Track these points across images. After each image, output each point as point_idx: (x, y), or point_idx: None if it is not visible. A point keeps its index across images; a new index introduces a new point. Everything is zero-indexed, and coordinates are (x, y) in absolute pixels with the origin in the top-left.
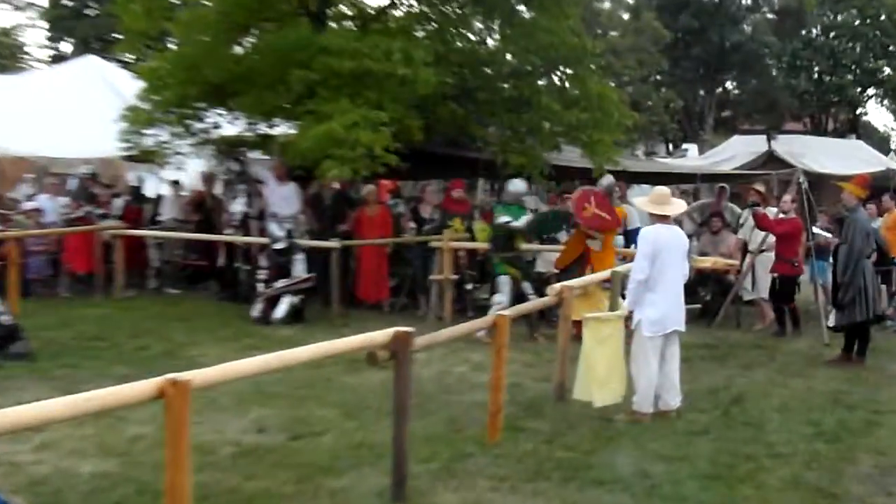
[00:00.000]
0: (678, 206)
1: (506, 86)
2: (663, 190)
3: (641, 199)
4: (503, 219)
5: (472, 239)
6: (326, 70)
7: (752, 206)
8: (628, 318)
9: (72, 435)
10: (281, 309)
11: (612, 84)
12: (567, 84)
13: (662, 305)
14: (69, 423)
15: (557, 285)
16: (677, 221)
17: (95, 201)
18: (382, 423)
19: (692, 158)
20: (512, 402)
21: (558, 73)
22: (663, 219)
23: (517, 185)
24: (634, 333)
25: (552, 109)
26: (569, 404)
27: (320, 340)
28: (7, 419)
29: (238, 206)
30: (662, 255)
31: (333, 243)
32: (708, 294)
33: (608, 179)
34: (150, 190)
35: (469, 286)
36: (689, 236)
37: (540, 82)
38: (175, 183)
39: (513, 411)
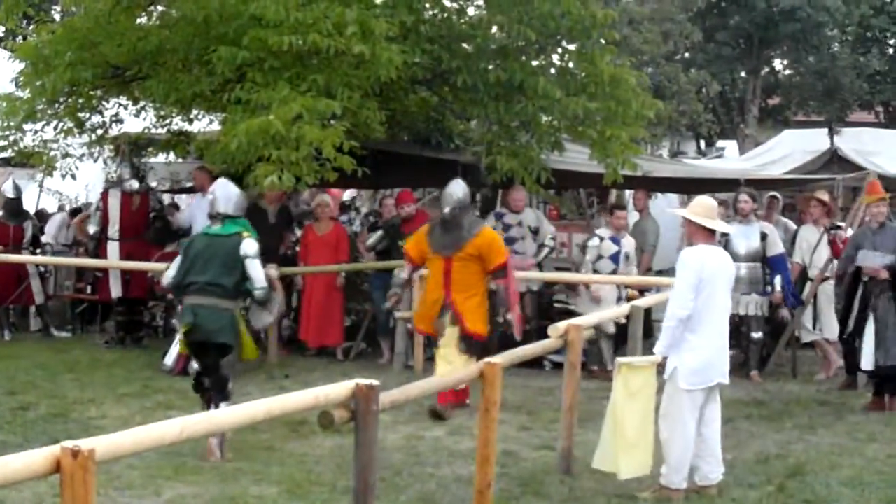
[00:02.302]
0: (723, 225)
1: (491, 67)
2: (709, 201)
3: (685, 210)
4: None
5: None
6: (260, 47)
7: (832, 229)
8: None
9: None
10: None
11: (630, 64)
12: (571, 64)
13: (705, 351)
14: None
15: (562, 324)
16: None
17: None
18: (338, 503)
19: (731, 159)
20: (504, 475)
21: (559, 50)
22: (708, 238)
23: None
24: (667, 386)
25: (551, 97)
26: (577, 478)
27: (254, 397)
28: None
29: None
30: (709, 286)
31: (270, 271)
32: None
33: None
34: (29, 203)
35: None
36: None
37: (535, 62)
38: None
39: (506, 487)
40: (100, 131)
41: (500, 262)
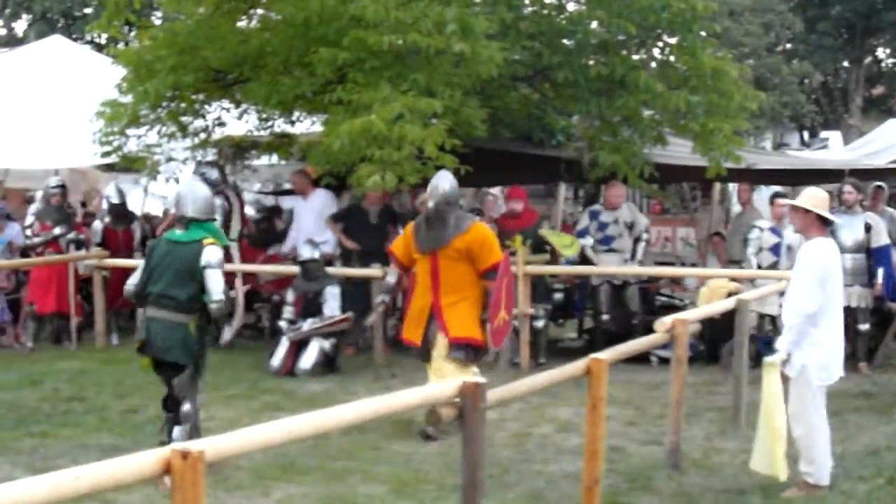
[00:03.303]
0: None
1: (592, 62)
2: (822, 192)
3: (802, 200)
4: None
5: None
6: (361, 48)
7: None
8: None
9: None
10: (309, 357)
11: (731, 56)
12: (672, 57)
13: (829, 345)
14: None
15: (668, 318)
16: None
17: (68, 223)
18: (446, 501)
19: (835, 150)
20: (612, 471)
21: (660, 43)
22: (822, 230)
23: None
24: (794, 383)
25: (653, 91)
26: (685, 473)
27: (360, 397)
28: None
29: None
30: (831, 279)
31: (375, 271)
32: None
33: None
34: (134, 208)
35: (541, 323)
36: None
37: (636, 56)
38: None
39: (614, 483)
40: (202, 135)
41: (492, 263)
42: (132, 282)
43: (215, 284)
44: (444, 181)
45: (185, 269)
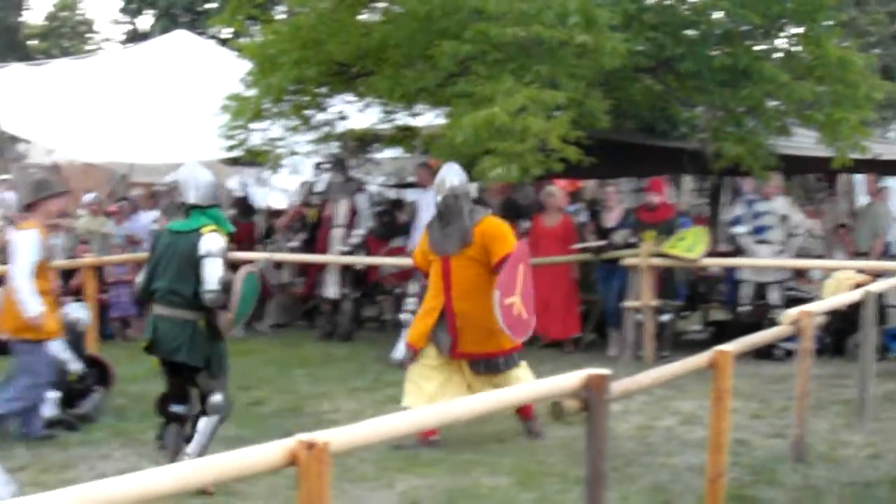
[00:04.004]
0: None
1: (716, 53)
2: None
3: None
4: None
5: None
6: (483, 40)
7: None
8: None
9: None
10: None
11: (857, 46)
12: (797, 47)
13: None
14: (167, 500)
15: (794, 311)
16: None
17: None
18: (570, 493)
19: None
20: (737, 464)
21: (784, 33)
22: None
23: (450, 173)
24: None
25: (777, 81)
26: (810, 466)
27: None
28: (98, 496)
29: (366, 223)
30: None
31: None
32: None
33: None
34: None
35: (666, 316)
36: None
37: (760, 46)
38: None
39: (738, 476)
40: (326, 129)
41: (505, 254)
42: (139, 278)
43: (211, 273)
44: (451, 174)
45: (186, 261)
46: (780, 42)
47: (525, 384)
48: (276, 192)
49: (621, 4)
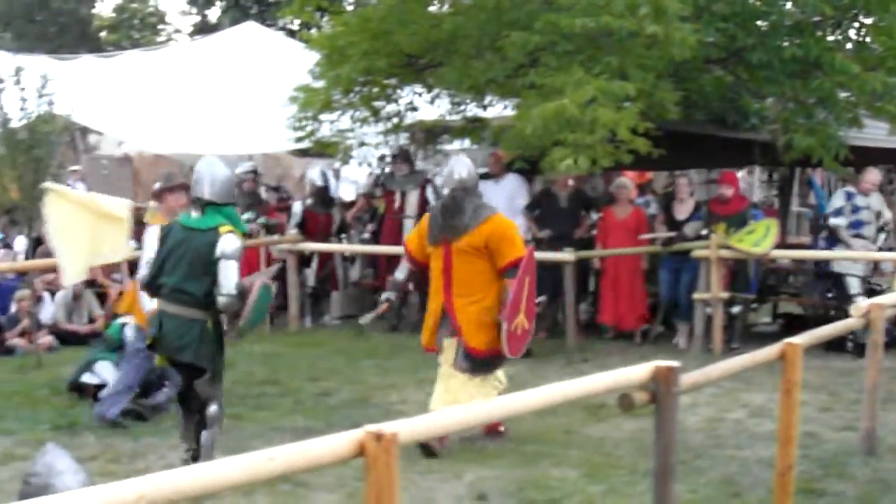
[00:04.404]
0: None
1: (786, 44)
2: None
3: None
4: None
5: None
6: (553, 31)
7: None
8: None
9: None
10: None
11: None
12: (868, 38)
13: None
14: (235, 491)
15: (864, 303)
16: None
17: (259, 208)
18: (638, 485)
19: None
20: (806, 457)
21: (856, 24)
22: None
23: (459, 165)
24: None
25: (849, 72)
26: (881, 459)
27: (552, 381)
28: (168, 486)
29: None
30: None
31: (567, 255)
32: None
33: None
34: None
35: (736, 309)
36: None
37: (831, 37)
38: None
39: (807, 469)
40: (395, 120)
41: (514, 258)
42: (144, 270)
43: (228, 277)
44: (460, 166)
45: (199, 260)
46: (851, 33)
47: (593, 381)
48: (347, 183)
49: None
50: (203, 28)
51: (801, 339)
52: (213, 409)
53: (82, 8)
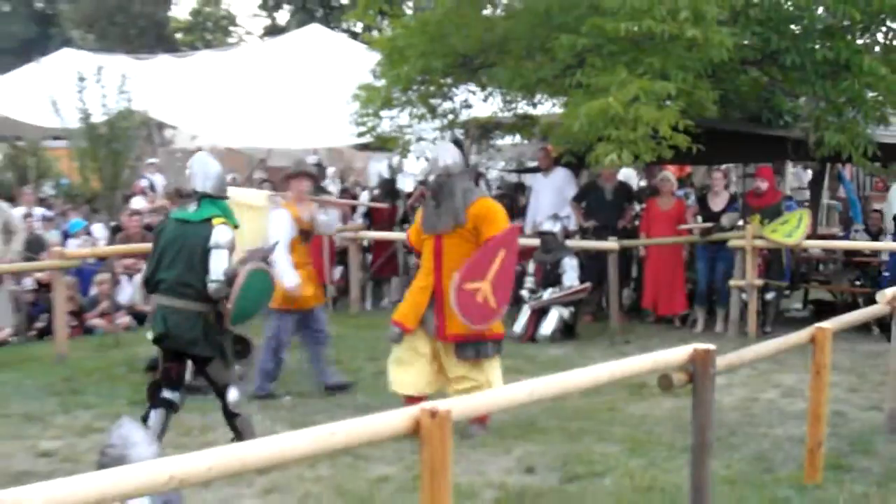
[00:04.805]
0: None
1: (818, 46)
2: None
3: None
4: None
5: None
6: (599, 34)
7: None
8: None
9: (303, 476)
10: (549, 324)
11: None
12: (895, 42)
13: None
14: (300, 463)
15: (890, 291)
16: None
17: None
18: (676, 461)
19: None
20: (834, 434)
21: (883, 28)
22: None
23: (443, 152)
24: None
25: (876, 74)
26: None
27: (596, 361)
28: (236, 458)
29: None
30: None
31: (611, 244)
32: None
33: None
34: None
35: (770, 295)
36: None
37: (860, 41)
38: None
39: (835, 446)
40: (450, 116)
41: (491, 235)
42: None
43: (217, 264)
44: (444, 153)
45: (196, 252)
46: (879, 36)
47: (635, 362)
48: (408, 176)
49: (729, 0)
50: (272, 30)
51: (831, 323)
52: (233, 395)
53: (160, 11)
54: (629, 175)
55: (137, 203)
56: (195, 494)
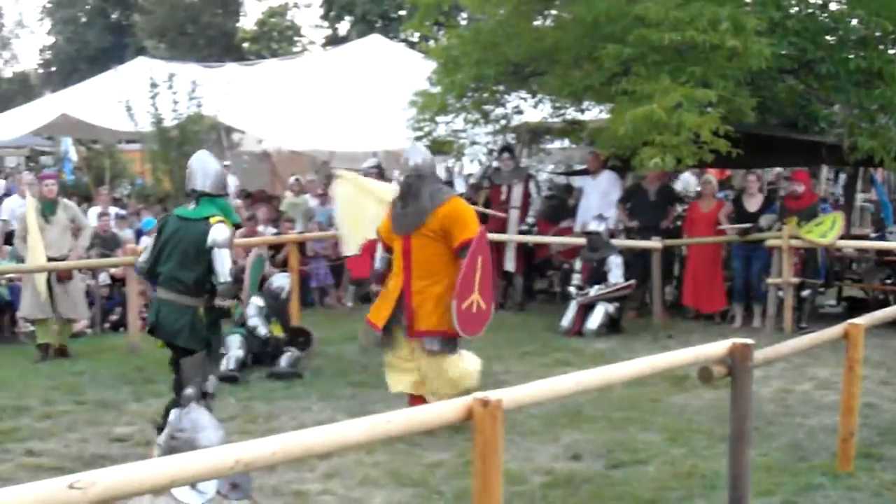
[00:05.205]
0: None
1: (852, 56)
2: None
3: None
4: None
5: None
6: (643, 44)
7: None
8: None
9: (361, 462)
10: (595, 319)
11: None
12: None
13: None
14: (358, 450)
15: None
16: None
17: None
18: (715, 449)
19: None
20: (865, 425)
21: None
22: None
23: (413, 153)
24: None
25: None
26: None
27: (640, 354)
28: (299, 444)
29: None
30: None
31: (655, 243)
32: None
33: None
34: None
35: (806, 292)
36: None
37: (892, 51)
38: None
39: (867, 436)
40: (503, 122)
41: (465, 239)
42: (142, 258)
43: (222, 265)
44: (415, 154)
45: (191, 249)
46: None
47: (676, 356)
48: (460, 179)
49: (767, 12)
50: (333, 40)
51: (863, 320)
52: (188, 391)
53: (228, 22)
54: (687, 179)
55: None
56: (260, 478)
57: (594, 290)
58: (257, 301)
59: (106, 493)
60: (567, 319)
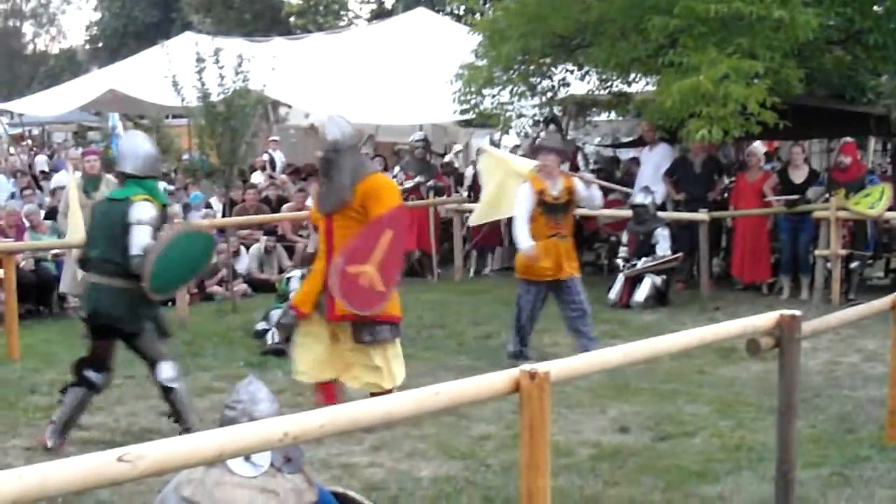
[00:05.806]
0: None
1: None
2: None
3: None
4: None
5: None
6: (690, 15)
7: None
8: None
9: (409, 434)
10: (642, 291)
11: None
12: None
13: None
14: (406, 423)
15: None
16: None
17: (429, 172)
18: (763, 421)
19: None
20: None
21: None
22: None
23: (332, 126)
24: None
25: None
26: None
27: (687, 326)
28: (347, 417)
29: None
30: None
31: (701, 215)
32: None
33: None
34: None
35: (855, 264)
36: None
37: None
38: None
39: None
40: (549, 94)
41: (377, 213)
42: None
43: (136, 239)
44: (333, 127)
45: (118, 228)
46: None
47: (724, 327)
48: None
49: None
50: (380, 13)
51: None
52: (165, 370)
53: None
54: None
55: (256, 178)
56: (308, 451)
57: (641, 263)
58: (300, 273)
59: (155, 465)
60: (614, 292)
